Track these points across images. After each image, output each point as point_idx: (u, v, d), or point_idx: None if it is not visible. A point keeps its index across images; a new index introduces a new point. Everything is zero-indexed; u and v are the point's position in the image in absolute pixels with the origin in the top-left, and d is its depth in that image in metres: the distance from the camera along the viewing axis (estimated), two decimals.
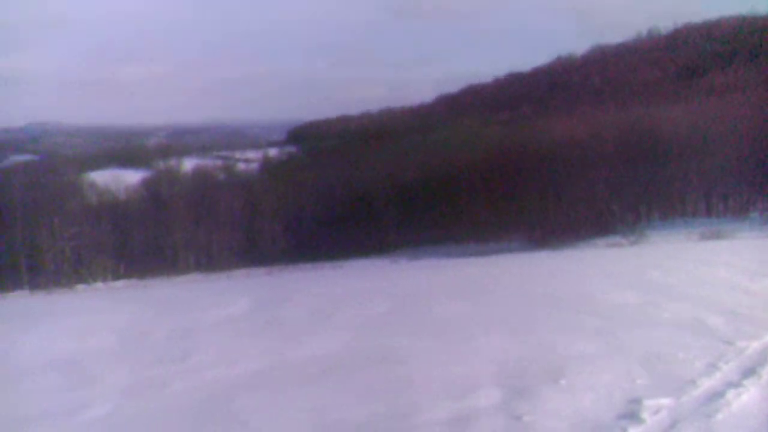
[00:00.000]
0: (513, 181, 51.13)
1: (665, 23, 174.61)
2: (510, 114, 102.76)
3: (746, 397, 8.56)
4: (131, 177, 75.71)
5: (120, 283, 37.93)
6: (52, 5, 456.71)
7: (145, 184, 71.20)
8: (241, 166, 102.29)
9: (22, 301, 27.58)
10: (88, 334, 13.88)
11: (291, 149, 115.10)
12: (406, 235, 42.90)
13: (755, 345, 10.69)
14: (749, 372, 9.47)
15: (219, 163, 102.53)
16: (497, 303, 15.02)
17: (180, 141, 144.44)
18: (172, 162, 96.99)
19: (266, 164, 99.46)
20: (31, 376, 11.05)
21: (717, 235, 35.69)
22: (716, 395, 8.58)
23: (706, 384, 9.02)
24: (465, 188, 49.05)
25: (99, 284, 38.72)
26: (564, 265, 22.89)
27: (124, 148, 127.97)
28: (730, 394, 8.57)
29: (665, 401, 8.39)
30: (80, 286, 37.62)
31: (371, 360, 11.04)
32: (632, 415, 7.94)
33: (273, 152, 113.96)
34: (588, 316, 12.84)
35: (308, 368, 10.75)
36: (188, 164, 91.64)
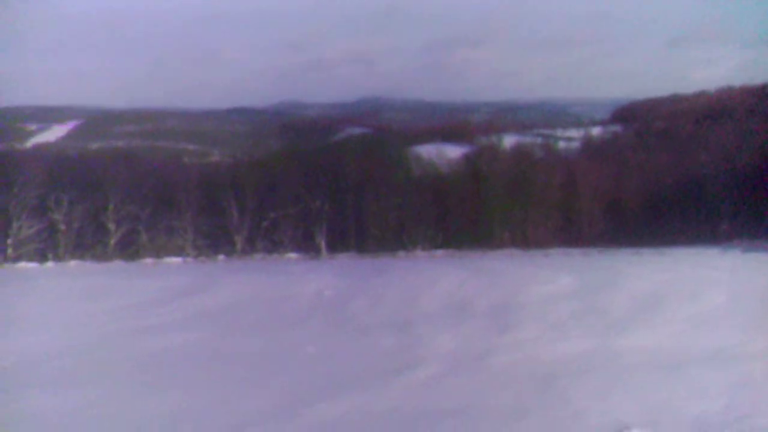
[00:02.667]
0: None
1: None
2: None
3: None
4: (453, 152, 78.13)
5: (439, 252, 39.52)
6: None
7: (466, 159, 72.88)
8: (561, 144, 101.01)
9: (370, 262, 29.59)
10: (416, 296, 14.52)
11: (615, 129, 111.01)
12: (741, 225, 39.14)
13: None
14: None
15: (539, 140, 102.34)
16: None
17: (503, 118, 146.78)
18: (493, 138, 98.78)
19: (588, 143, 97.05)
20: (367, 334, 11.84)
21: None
22: None
23: None
24: None
25: (418, 251, 40.70)
26: None
27: (448, 124, 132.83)
28: None
29: None
30: (401, 253, 39.84)
31: (704, 357, 10.22)
32: None
33: (596, 131, 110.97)
34: None
35: (633, 358, 10.24)
36: (508, 141, 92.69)
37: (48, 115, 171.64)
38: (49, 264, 36.10)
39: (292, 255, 38.58)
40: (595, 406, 8.27)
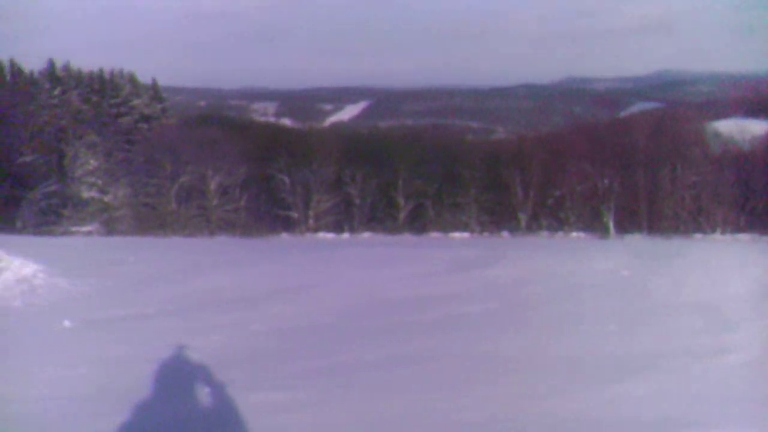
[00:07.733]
0: None
1: None
2: None
3: None
4: (758, 127, 71.54)
5: (742, 236, 36.34)
6: None
7: None
8: None
9: (665, 243, 27.94)
10: (723, 279, 13.42)
11: None
12: None
13: None
14: None
15: None
16: None
17: None
18: None
19: None
20: (671, 314, 11.09)
21: None
22: None
23: None
24: None
25: (717, 235, 37.83)
26: None
27: (752, 97, 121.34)
28: None
29: None
30: (697, 235, 37.26)
31: None
32: None
33: None
34: None
35: None
36: None
37: (341, 96, 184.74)
38: (345, 235, 38.95)
39: (578, 234, 37.81)
40: None
